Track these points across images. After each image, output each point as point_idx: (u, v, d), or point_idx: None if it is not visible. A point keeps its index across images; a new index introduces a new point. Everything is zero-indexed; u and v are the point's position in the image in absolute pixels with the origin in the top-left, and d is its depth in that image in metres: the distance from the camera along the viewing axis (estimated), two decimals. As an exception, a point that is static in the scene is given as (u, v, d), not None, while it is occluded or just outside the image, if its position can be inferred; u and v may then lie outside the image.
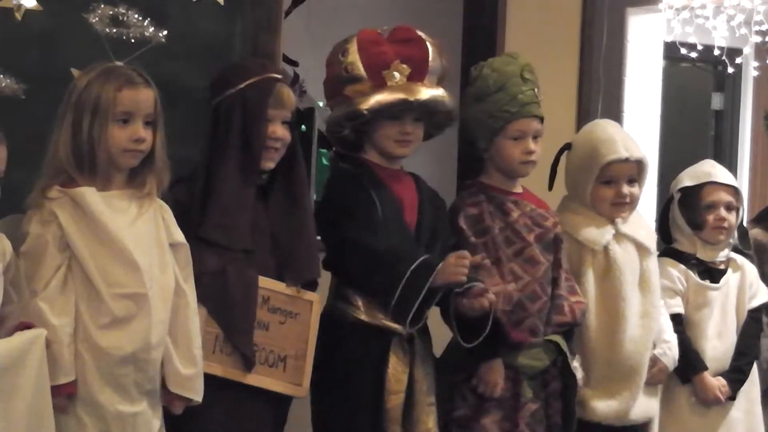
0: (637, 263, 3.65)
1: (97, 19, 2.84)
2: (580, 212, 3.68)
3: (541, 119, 3.50)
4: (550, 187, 3.72)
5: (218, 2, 3.35)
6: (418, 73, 3.27)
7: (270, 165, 3.05)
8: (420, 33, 3.34)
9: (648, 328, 3.62)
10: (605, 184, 3.66)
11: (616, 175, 3.65)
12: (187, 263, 2.82)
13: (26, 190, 2.70)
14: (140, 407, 2.71)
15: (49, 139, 2.74)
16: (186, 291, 2.80)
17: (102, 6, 2.86)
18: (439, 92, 3.28)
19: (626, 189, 3.66)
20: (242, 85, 3.01)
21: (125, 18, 2.86)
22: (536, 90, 3.50)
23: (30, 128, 2.90)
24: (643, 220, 3.80)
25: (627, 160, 3.64)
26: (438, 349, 3.39)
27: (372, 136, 3.29)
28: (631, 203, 3.68)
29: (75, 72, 2.97)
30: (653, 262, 3.70)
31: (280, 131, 3.04)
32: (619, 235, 3.65)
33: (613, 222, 3.64)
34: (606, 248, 3.62)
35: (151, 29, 2.87)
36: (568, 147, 3.74)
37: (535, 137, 3.47)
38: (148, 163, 2.77)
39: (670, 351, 3.70)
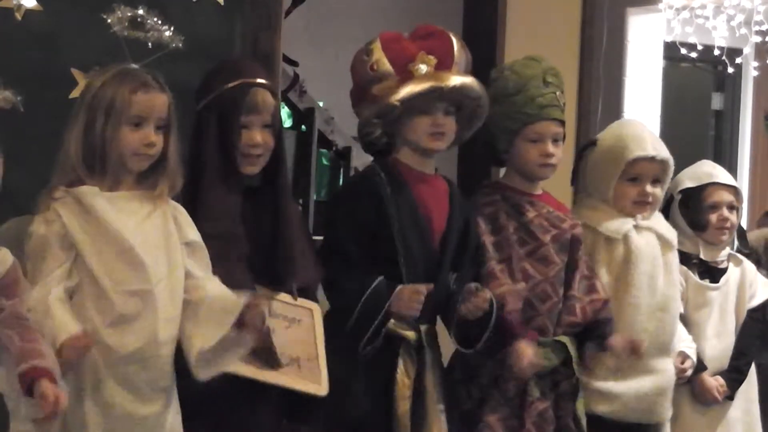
0: (659, 255, 3.63)
1: (116, 20, 2.84)
2: (599, 208, 3.67)
3: (562, 122, 3.50)
4: (573, 182, 3.71)
5: (218, 2, 3.35)
6: (444, 63, 3.25)
7: (252, 170, 3.00)
8: (441, 28, 3.34)
9: (664, 322, 3.60)
10: (630, 181, 3.64)
11: (641, 173, 3.64)
12: (206, 263, 2.80)
13: (25, 191, 2.69)
14: (154, 407, 2.69)
15: (50, 139, 2.73)
16: (204, 283, 2.76)
17: (121, 7, 2.86)
18: (468, 79, 3.26)
19: (650, 188, 3.64)
20: (217, 92, 2.96)
21: (143, 21, 2.86)
22: (558, 93, 3.48)
23: (30, 129, 2.90)
24: (662, 219, 3.76)
25: (653, 158, 3.63)
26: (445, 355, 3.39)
27: (404, 133, 3.26)
28: (653, 204, 3.65)
29: (75, 72, 2.98)
30: (676, 258, 3.67)
31: (258, 137, 2.97)
32: (639, 228, 3.63)
33: (634, 216, 3.63)
34: (626, 238, 3.61)
35: (169, 33, 2.88)
36: (593, 143, 3.74)
37: (555, 140, 3.47)
38: (160, 166, 2.75)
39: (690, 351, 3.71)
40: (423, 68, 3.24)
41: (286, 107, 5.36)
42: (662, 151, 3.67)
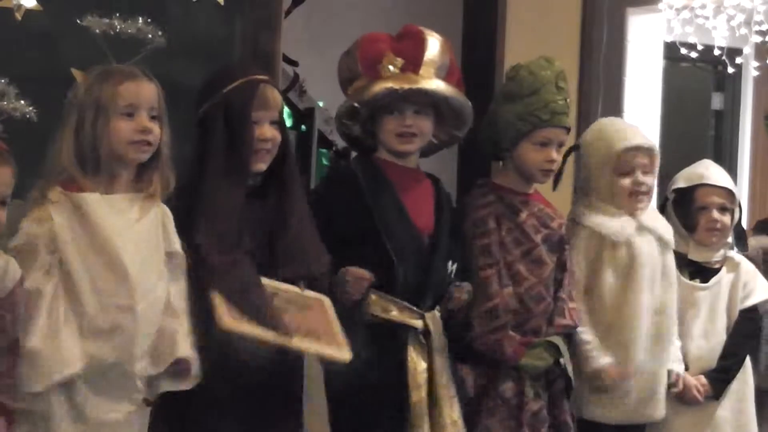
0: (659, 257, 3.66)
1: (94, 22, 2.84)
2: (598, 207, 3.69)
3: (568, 130, 3.51)
4: (555, 188, 3.73)
5: (218, 2, 3.35)
6: (411, 64, 3.25)
7: (261, 167, 3.01)
8: (423, 29, 3.33)
9: (660, 325, 3.63)
10: (622, 175, 3.67)
11: (631, 164, 3.67)
12: (181, 273, 2.79)
13: (25, 190, 2.69)
14: (124, 414, 2.68)
15: (50, 139, 2.72)
16: (173, 303, 2.76)
17: (99, 11, 2.86)
18: (432, 83, 3.26)
19: (642, 178, 3.67)
20: (225, 90, 2.97)
21: (123, 21, 2.86)
22: (568, 100, 3.50)
23: (30, 129, 2.89)
24: (659, 214, 3.81)
25: (639, 147, 3.67)
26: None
27: (378, 133, 3.29)
28: (648, 193, 3.70)
29: (75, 72, 2.97)
30: (672, 257, 3.71)
31: (268, 132, 3.00)
32: (641, 228, 3.65)
33: (633, 215, 3.65)
34: (629, 241, 3.62)
35: (150, 31, 2.87)
36: (576, 148, 3.75)
37: (559, 146, 3.48)
38: (154, 161, 2.74)
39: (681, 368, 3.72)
40: (390, 69, 3.24)
41: (286, 107, 5.35)
42: (647, 140, 3.71)
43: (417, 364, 3.19)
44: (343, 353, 2.97)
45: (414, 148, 3.30)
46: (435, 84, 3.26)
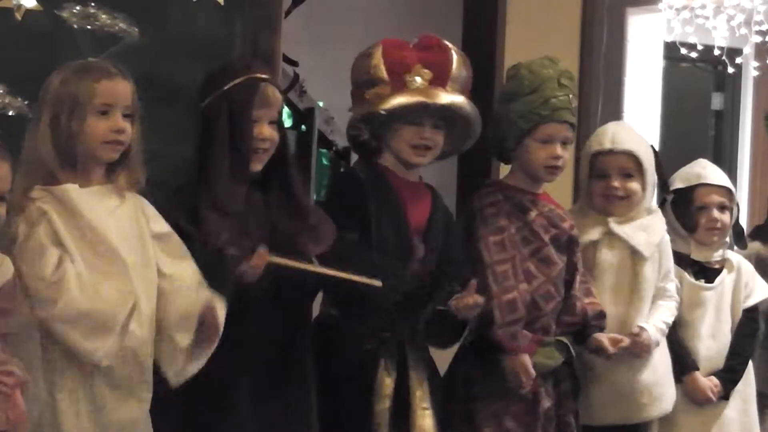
0: (628, 267, 3.64)
1: (69, 15, 2.84)
2: (578, 209, 3.71)
3: (573, 126, 3.50)
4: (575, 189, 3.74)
5: (218, 2, 3.36)
6: (439, 78, 3.25)
7: (258, 167, 3.02)
8: (446, 42, 3.34)
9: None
10: (598, 178, 3.67)
11: (605, 167, 3.66)
12: (179, 250, 2.78)
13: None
14: (144, 408, 2.70)
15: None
16: (171, 278, 2.75)
17: (77, 5, 2.86)
18: (459, 99, 3.27)
19: (617, 182, 3.65)
20: (227, 87, 2.97)
21: (96, 15, 2.86)
22: (571, 97, 3.49)
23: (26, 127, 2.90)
24: (653, 223, 3.74)
25: (611, 151, 3.65)
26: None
27: (390, 142, 3.28)
28: (627, 198, 3.66)
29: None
30: (648, 269, 3.66)
31: (267, 131, 3.01)
32: (611, 236, 3.63)
33: (606, 221, 3.63)
34: (594, 247, 3.61)
35: (123, 25, 2.88)
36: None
37: (564, 143, 3.47)
38: (123, 158, 2.74)
39: (652, 328, 3.63)
40: (417, 81, 3.24)
41: (286, 107, 5.35)
42: (622, 144, 3.66)
43: (386, 374, 3.18)
44: (374, 281, 2.97)
45: (426, 161, 3.31)
46: (463, 102, 3.27)
